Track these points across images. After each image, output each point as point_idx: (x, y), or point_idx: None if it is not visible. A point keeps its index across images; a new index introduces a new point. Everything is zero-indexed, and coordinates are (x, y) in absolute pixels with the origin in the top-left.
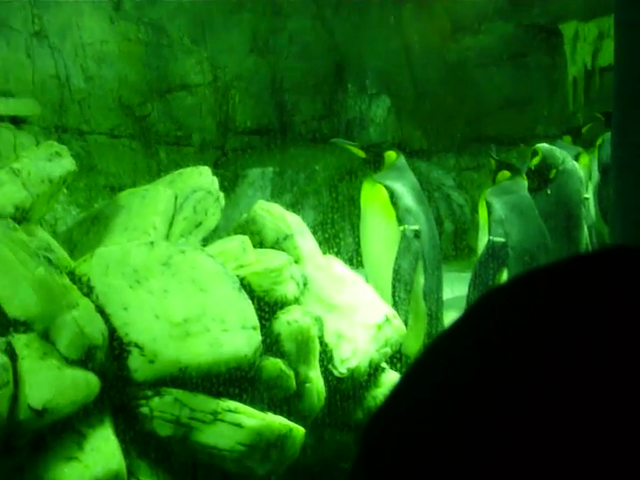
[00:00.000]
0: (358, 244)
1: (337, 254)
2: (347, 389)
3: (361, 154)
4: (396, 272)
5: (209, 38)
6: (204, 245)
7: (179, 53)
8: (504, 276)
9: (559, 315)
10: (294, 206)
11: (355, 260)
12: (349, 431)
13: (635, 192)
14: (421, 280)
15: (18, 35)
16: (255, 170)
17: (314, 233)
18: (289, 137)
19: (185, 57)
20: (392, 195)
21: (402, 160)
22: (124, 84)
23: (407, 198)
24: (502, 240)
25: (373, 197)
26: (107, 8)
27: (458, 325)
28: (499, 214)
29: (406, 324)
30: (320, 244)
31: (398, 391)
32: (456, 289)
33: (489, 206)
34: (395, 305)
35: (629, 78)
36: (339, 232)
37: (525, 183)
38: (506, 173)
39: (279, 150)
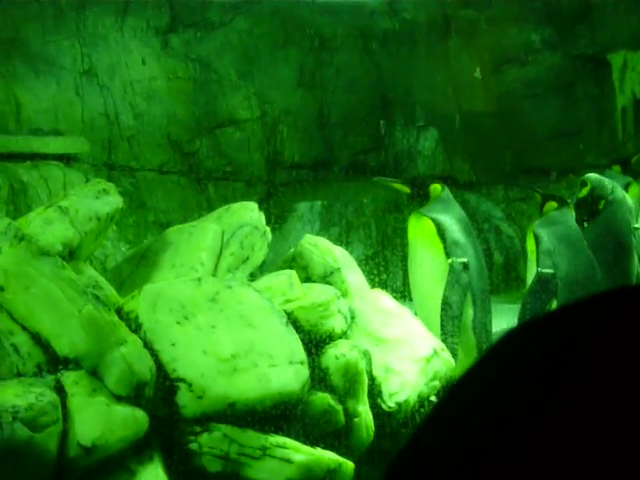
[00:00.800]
0: (406, 277)
1: (385, 287)
2: (396, 423)
3: (405, 190)
4: (445, 305)
5: (256, 73)
6: (252, 280)
7: (227, 89)
8: (554, 308)
9: (570, 369)
10: (342, 239)
11: (403, 293)
12: None
13: None
14: (470, 312)
15: (67, 74)
16: (304, 204)
17: (362, 266)
18: (337, 171)
19: (233, 93)
20: (439, 228)
21: (447, 192)
22: (172, 120)
23: (454, 230)
24: (551, 271)
25: (420, 230)
26: (155, 45)
27: (473, 370)
28: (547, 245)
29: (455, 357)
30: (368, 277)
31: (419, 432)
32: (507, 321)
33: (537, 237)
34: (444, 338)
35: None
36: (388, 265)
37: (573, 213)
38: (553, 204)
39: (327, 184)
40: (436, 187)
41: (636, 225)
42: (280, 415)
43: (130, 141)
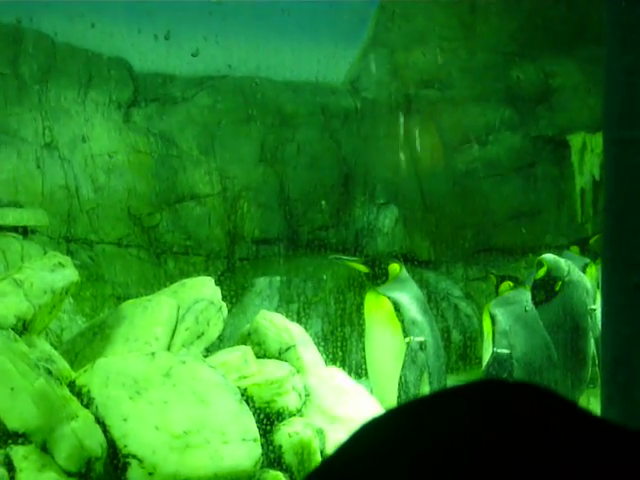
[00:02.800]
0: (364, 354)
1: (344, 364)
2: None
3: (363, 269)
4: (402, 384)
5: (218, 148)
6: (207, 355)
7: (188, 163)
8: None
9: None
10: (301, 315)
11: (361, 370)
12: None
13: (624, 309)
14: (426, 391)
15: (28, 146)
16: (263, 279)
17: (320, 343)
18: (297, 246)
19: (194, 167)
20: (397, 307)
21: (405, 272)
22: (133, 194)
23: (412, 309)
24: (507, 351)
25: (377, 309)
26: (117, 119)
27: (336, 452)
28: (503, 326)
29: None
30: (326, 354)
31: None
32: None
33: (493, 318)
34: None
35: (617, 195)
36: (346, 342)
37: (528, 294)
38: (509, 284)
39: (287, 259)
40: (394, 267)
41: (593, 307)
42: None
43: (90, 214)
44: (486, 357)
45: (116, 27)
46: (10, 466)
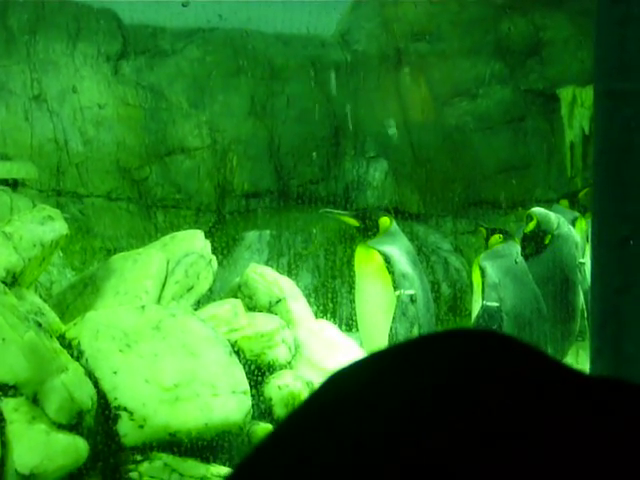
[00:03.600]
0: (354, 308)
1: (334, 317)
2: None
3: (354, 223)
4: (392, 336)
5: (207, 102)
6: (197, 309)
7: (177, 116)
8: None
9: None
10: (291, 269)
11: (351, 323)
12: None
13: (613, 261)
14: None
15: (17, 99)
16: (252, 233)
17: (310, 296)
18: (287, 200)
19: (183, 120)
20: (387, 260)
21: (395, 225)
22: (122, 147)
23: (402, 263)
24: (496, 304)
25: (368, 262)
26: (106, 72)
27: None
28: (492, 279)
29: None
30: (316, 307)
31: (256, 451)
32: None
33: (482, 271)
34: None
35: (607, 148)
36: (335, 296)
37: (518, 247)
38: (498, 237)
39: (276, 213)
40: (385, 220)
41: (582, 260)
42: (222, 445)
43: (79, 167)
44: (476, 310)
45: None
46: (0, 418)
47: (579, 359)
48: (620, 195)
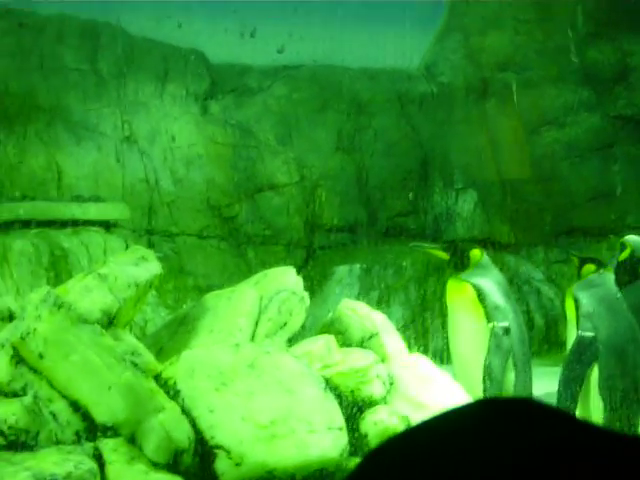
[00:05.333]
0: (446, 340)
1: (425, 351)
2: None
3: (444, 256)
4: (487, 369)
5: (295, 138)
6: (290, 345)
7: (266, 154)
8: (595, 371)
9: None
10: (382, 303)
11: (444, 357)
12: None
13: None
14: (512, 377)
15: (108, 140)
16: (342, 267)
17: (402, 330)
18: (376, 234)
19: (272, 157)
20: (479, 292)
21: (486, 257)
22: (212, 186)
23: (495, 295)
24: (591, 334)
25: (460, 295)
26: (194, 112)
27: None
28: (587, 308)
29: None
30: (408, 341)
31: None
32: (548, 384)
33: (576, 301)
34: None
35: None
36: (427, 329)
37: (612, 276)
38: (591, 267)
39: (366, 247)
40: (476, 252)
41: None
42: None
43: (170, 206)
44: (570, 341)
45: (193, 22)
46: (100, 459)
47: None
48: None
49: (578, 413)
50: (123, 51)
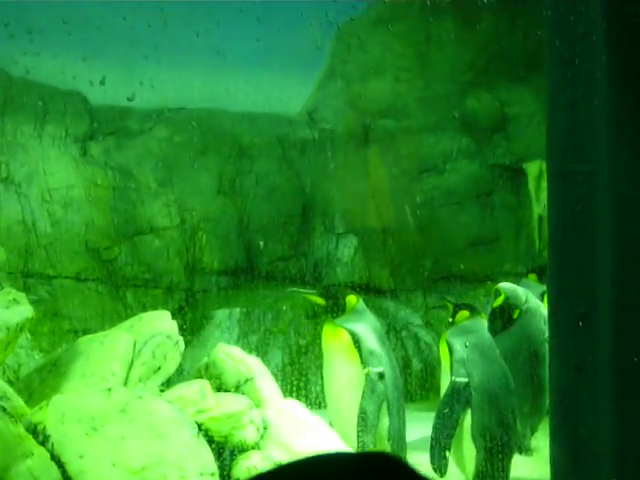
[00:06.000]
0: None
1: (305, 395)
2: None
3: (320, 301)
4: (362, 414)
5: (176, 181)
6: (164, 390)
7: (146, 196)
8: (467, 418)
9: None
10: (261, 347)
11: (321, 401)
12: None
13: (570, 340)
14: (385, 422)
15: None
16: (222, 311)
17: (280, 374)
18: (257, 278)
19: (152, 200)
20: (354, 338)
21: (362, 303)
22: (91, 228)
23: (369, 340)
24: (465, 380)
25: (335, 340)
26: (74, 153)
27: None
28: (460, 354)
29: None
30: (286, 385)
31: None
32: (425, 429)
33: (450, 347)
34: (361, 447)
35: (561, 227)
36: (306, 373)
37: (484, 322)
38: (465, 313)
39: (247, 291)
40: (351, 299)
41: None
42: None
43: (47, 249)
44: (444, 386)
45: (70, 61)
46: None
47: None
48: (575, 274)
49: (452, 459)
50: (1, 90)
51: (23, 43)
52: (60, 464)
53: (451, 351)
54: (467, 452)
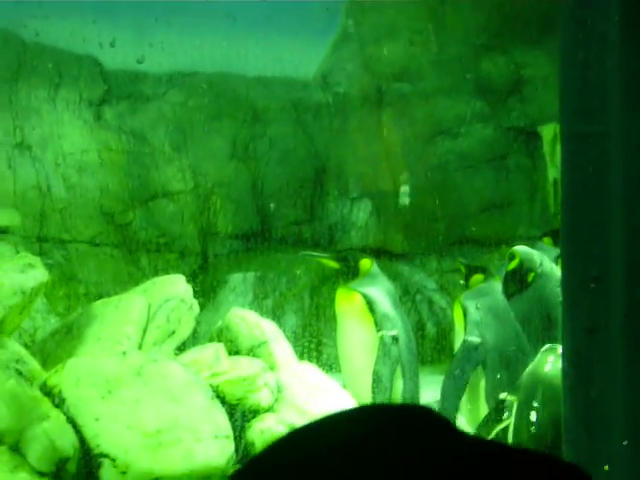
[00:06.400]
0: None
1: (318, 359)
2: None
3: (334, 265)
4: (376, 378)
5: (190, 145)
6: (179, 354)
7: (160, 161)
8: (481, 378)
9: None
10: (275, 311)
11: (335, 365)
12: None
13: (583, 302)
14: (399, 385)
15: (0, 146)
16: (236, 275)
17: (294, 338)
18: (271, 242)
19: (166, 165)
20: (369, 302)
21: (376, 267)
22: (105, 193)
23: (384, 304)
24: (477, 340)
25: (349, 304)
26: (88, 118)
27: None
28: (474, 317)
29: None
30: (301, 349)
31: None
32: (437, 392)
33: (464, 310)
34: None
35: (573, 189)
36: (320, 337)
37: (499, 285)
38: (479, 276)
39: (260, 255)
40: (365, 262)
41: None
42: None
43: (62, 213)
44: (457, 347)
45: (79, 24)
46: None
47: None
48: (587, 236)
49: (466, 421)
50: (15, 55)
51: (32, 6)
52: (75, 427)
53: (465, 313)
54: (482, 414)
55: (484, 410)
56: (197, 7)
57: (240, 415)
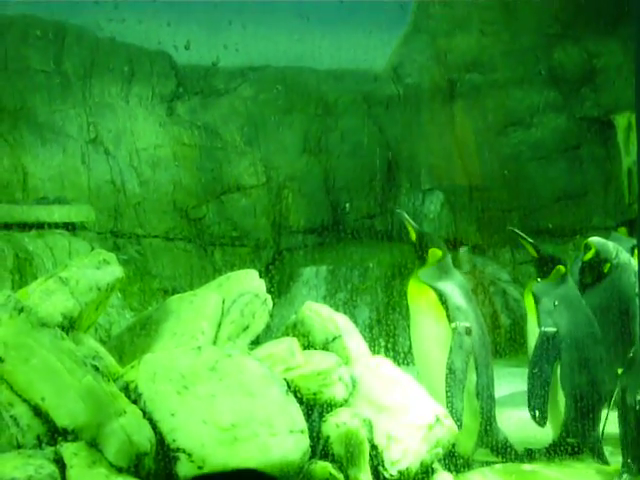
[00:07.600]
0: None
1: (392, 351)
2: None
3: (413, 237)
4: (450, 370)
5: (262, 139)
6: (253, 348)
7: (232, 155)
8: (557, 368)
9: None
10: (348, 304)
11: (409, 357)
12: None
13: None
14: (473, 378)
15: (74, 142)
16: (309, 269)
17: (367, 331)
18: (343, 235)
19: (238, 159)
20: (441, 295)
21: (448, 258)
22: (178, 187)
23: (456, 296)
24: (553, 329)
25: (421, 297)
26: (160, 113)
27: None
28: (547, 305)
29: (460, 423)
30: (374, 342)
31: None
32: (512, 385)
33: (536, 298)
34: (450, 403)
35: None
36: (393, 330)
37: (567, 274)
38: (561, 268)
39: (333, 248)
40: (435, 252)
41: None
42: None
43: (136, 208)
44: (531, 338)
45: (154, 27)
46: (60, 463)
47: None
48: None
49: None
50: (88, 52)
51: (108, 9)
52: (152, 422)
53: (537, 301)
54: (559, 401)
55: (560, 399)
56: (270, 7)
57: (315, 409)
